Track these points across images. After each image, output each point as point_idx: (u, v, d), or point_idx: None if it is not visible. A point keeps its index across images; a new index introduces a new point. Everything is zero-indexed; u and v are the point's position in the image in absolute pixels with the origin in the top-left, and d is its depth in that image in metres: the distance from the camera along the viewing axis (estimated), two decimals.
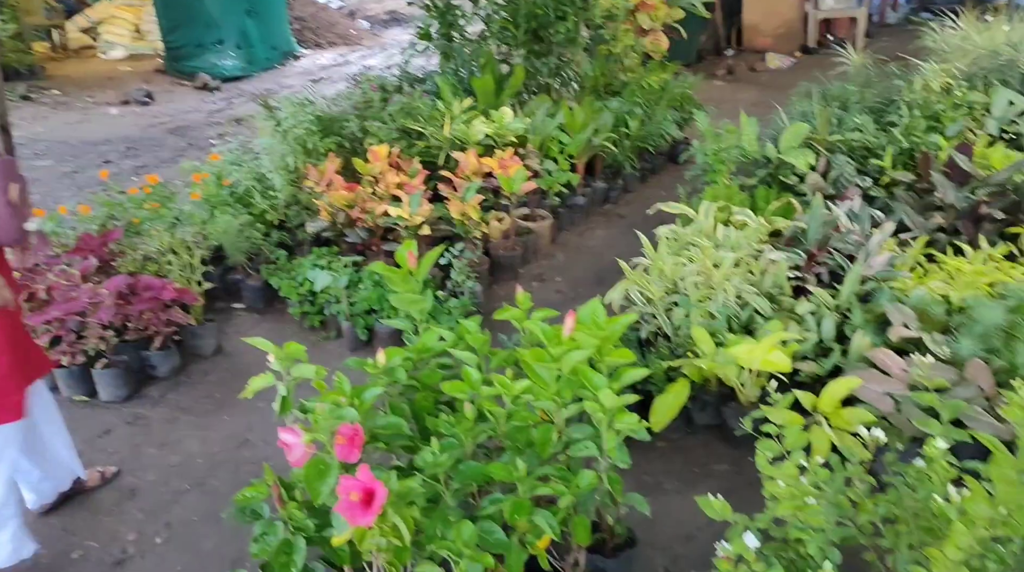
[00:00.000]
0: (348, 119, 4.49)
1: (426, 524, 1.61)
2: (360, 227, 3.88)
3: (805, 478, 1.68)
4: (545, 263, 4.26)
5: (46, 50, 11.73)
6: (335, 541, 1.66)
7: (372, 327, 3.48)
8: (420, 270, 2.14)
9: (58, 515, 2.55)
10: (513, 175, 3.92)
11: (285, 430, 1.67)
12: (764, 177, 4.22)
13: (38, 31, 11.51)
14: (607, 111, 4.80)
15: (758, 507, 1.76)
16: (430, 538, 1.58)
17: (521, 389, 1.82)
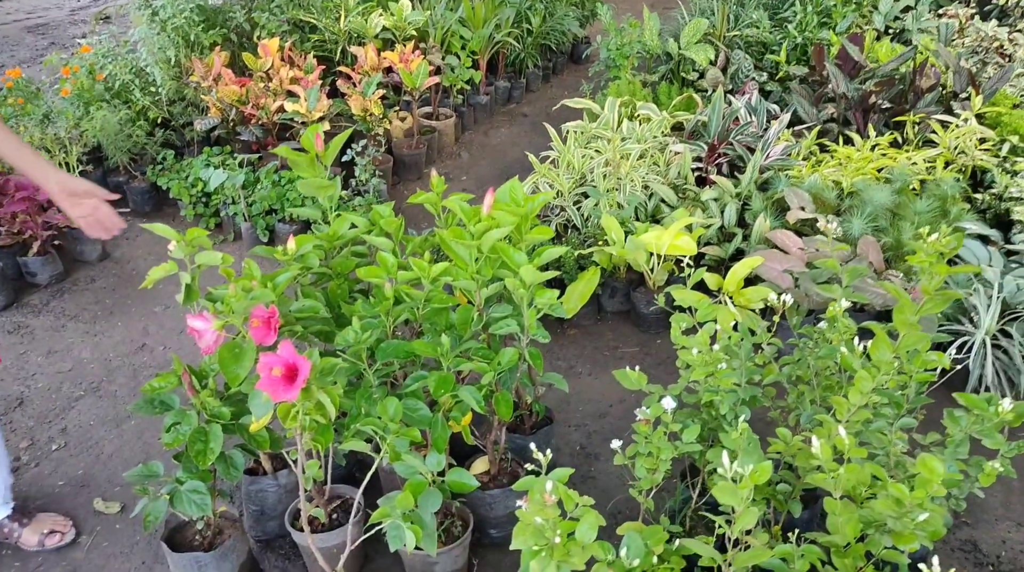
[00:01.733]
0: (234, 10, 4.18)
1: (349, 404, 1.58)
2: (254, 125, 3.67)
3: (717, 346, 1.75)
4: (450, 163, 4.18)
5: None
6: (253, 426, 1.62)
7: (273, 227, 3.34)
8: (328, 154, 2.04)
9: None
10: (415, 70, 3.78)
11: (194, 317, 1.59)
12: (665, 73, 4.24)
13: None
14: (508, 5, 4.66)
15: (668, 383, 1.82)
16: (354, 417, 1.55)
17: (439, 271, 1.79)
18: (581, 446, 2.30)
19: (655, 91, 4.03)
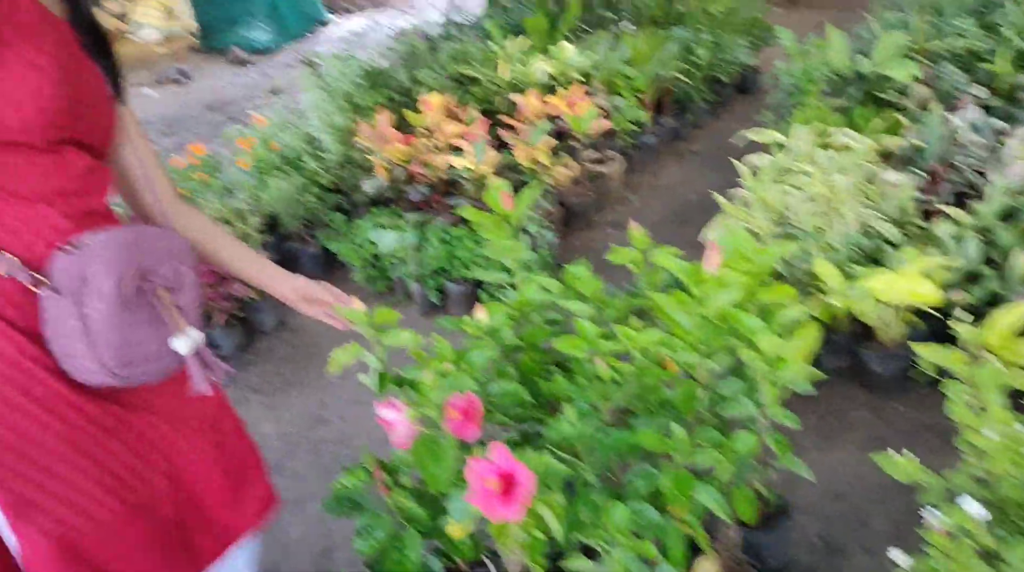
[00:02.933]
0: (396, 71, 4.19)
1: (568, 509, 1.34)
2: (421, 183, 3.59)
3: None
4: (620, 208, 3.93)
5: None
6: (455, 533, 1.40)
7: (443, 288, 3.21)
8: (516, 213, 1.85)
9: None
10: (583, 114, 3.58)
11: (384, 405, 1.40)
12: (858, 95, 3.81)
13: None
14: (673, 40, 4.41)
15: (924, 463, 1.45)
16: (574, 525, 1.30)
17: (652, 341, 1.52)
18: (820, 537, 1.93)
19: (849, 115, 3.60)
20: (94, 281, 1.10)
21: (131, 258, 1.14)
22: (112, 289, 1.11)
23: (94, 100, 1.19)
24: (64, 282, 1.10)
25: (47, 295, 1.10)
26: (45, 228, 1.12)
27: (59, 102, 1.09)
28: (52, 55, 1.08)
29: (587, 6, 4.98)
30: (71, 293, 1.09)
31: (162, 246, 1.21)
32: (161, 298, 1.19)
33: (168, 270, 1.20)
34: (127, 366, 1.13)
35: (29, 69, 1.05)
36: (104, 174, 1.24)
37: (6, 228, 1.10)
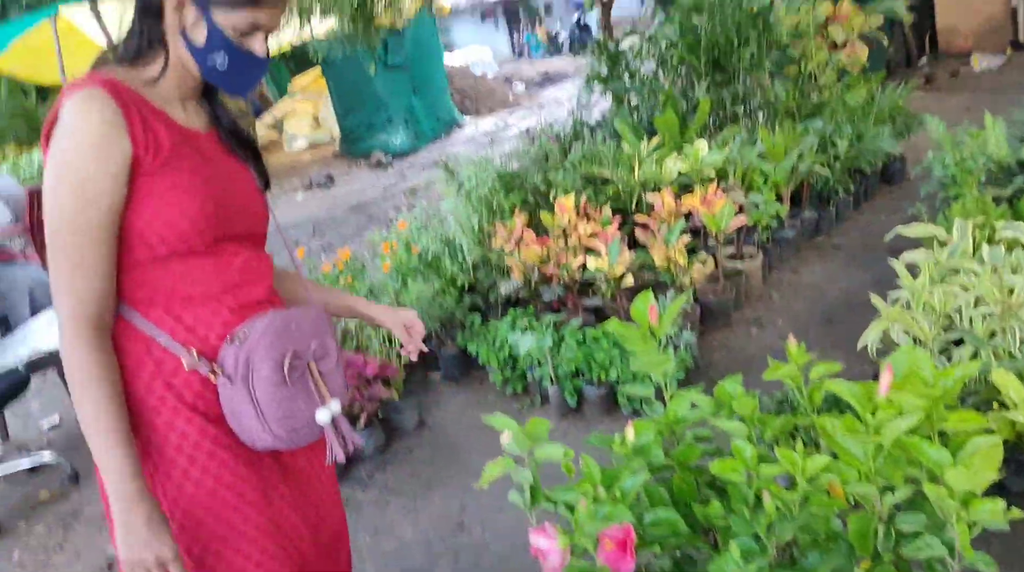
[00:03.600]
0: (530, 173, 4.30)
1: None
2: (556, 283, 3.62)
3: None
4: (760, 306, 3.79)
5: None
6: None
7: (580, 390, 3.16)
8: (662, 326, 1.80)
9: None
10: (719, 212, 3.53)
11: (537, 531, 1.37)
12: (1022, 185, 3.56)
13: None
14: (811, 133, 4.31)
15: None
16: None
17: (819, 467, 1.41)
18: None
19: (1015, 208, 3.36)
20: (257, 367, 1.28)
21: (284, 343, 1.32)
22: (271, 372, 1.29)
23: (245, 197, 1.39)
24: (233, 370, 1.28)
25: (223, 382, 1.30)
26: (216, 323, 1.32)
27: (206, 210, 1.28)
28: (194, 171, 1.28)
29: (718, 101, 4.98)
30: (241, 378, 1.28)
31: (308, 324, 1.38)
32: (311, 372, 1.37)
33: (315, 345, 1.38)
34: (291, 433, 1.33)
35: (174, 191, 1.25)
36: (262, 264, 1.42)
37: (186, 327, 1.30)
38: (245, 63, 1.29)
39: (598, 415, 3.12)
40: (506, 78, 18.56)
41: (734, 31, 4.77)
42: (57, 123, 1.20)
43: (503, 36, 28.76)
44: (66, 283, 1.21)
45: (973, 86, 7.22)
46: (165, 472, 1.30)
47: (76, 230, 1.20)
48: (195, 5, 1.24)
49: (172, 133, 1.28)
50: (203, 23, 1.24)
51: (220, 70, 1.28)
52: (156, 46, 1.28)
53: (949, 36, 8.14)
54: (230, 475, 1.33)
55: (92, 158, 1.18)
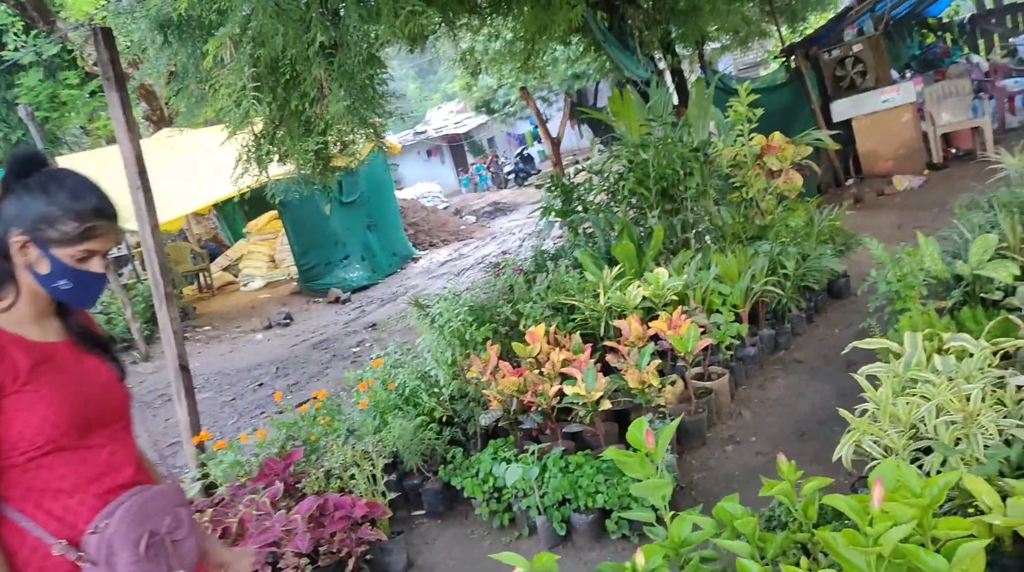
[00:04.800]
0: (499, 305, 4.45)
1: None
2: (534, 411, 3.69)
3: None
4: (732, 423, 3.91)
5: (194, 292, 12.78)
6: None
7: (569, 519, 3.18)
8: (658, 450, 1.89)
9: None
10: (685, 334, 3.70)
11: None
12: (961, 297, 3.83)
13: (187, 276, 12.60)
14: (760, 255, 4.60)
15: None
16: None
17: None
18: None
19: (956, 319, 3.61)
20: (117, 552, 1.48)
21: (141, 525, 1.52)
22: (131, 555, 1.49)
23: (104, 391, 1.61)
24: (97, 555, 1.48)
25: (88, 567, 1.48)
26: (84, 511, 1.51)
27: (67, 414, 1.49)
28: (52, 384, 1.50)
29: (669, 228, 5.27)
30: (105, 562, 1.47)
31: (162, 501, 1.59)
32: (165, 546, 1.56)
33: (169, 520, 1.58)
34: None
35: (37, 405, 1.47)
36: (126, 450, 1.63)
37: (56, 518, 1.49)
38: (86, 281, 1.54)
39: (588, 542, 3.12)
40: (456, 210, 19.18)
41: (678, 164, 5.13)
42: None
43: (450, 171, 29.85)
44: None
45: (899, 204, 7.77)
46: None
47: None
48: (36, 246, 1.50)
49: (30, 354, 1.50)
50: (45, 258, 1.50)
51: (65, 290, 1.53)
52: (7, 281, 1.53)
53: (870, 159, 8.82)
54: None
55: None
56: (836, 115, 8.88)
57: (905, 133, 8.57)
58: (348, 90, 5.35)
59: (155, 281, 3.86)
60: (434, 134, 29.42)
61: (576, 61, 11.23)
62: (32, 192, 1.50)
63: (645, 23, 7.85)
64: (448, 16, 7.19)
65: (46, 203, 1.49)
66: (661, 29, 8.04)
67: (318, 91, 5.88)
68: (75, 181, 1.53)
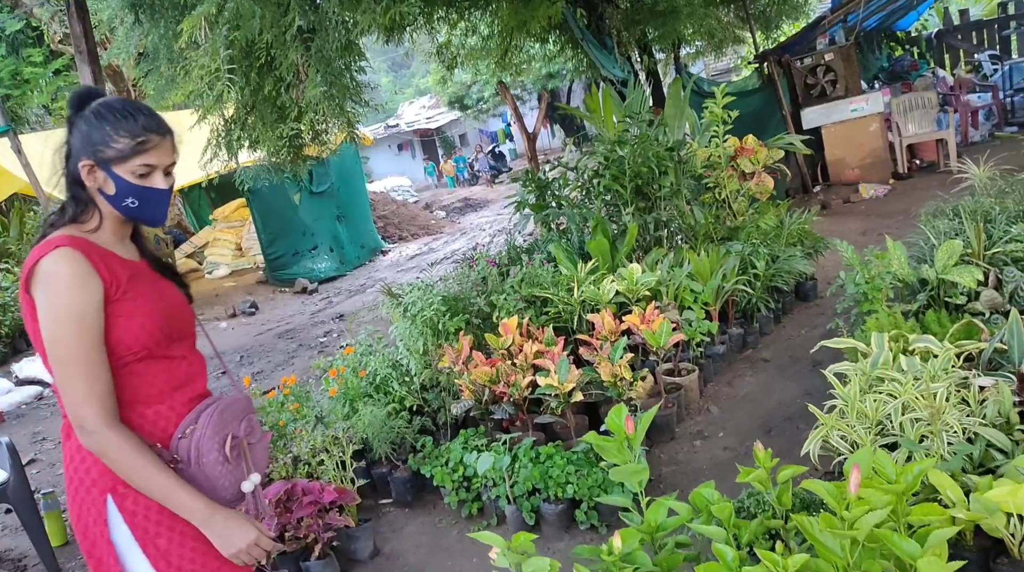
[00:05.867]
0: (473, 296, 4.44)
1: None
2: (506, 402, 3.69)
3: None
4: (701, 419, 3.95)
5: None
6: None
7: (538, 508, 3.18)
8: (636, 436, 1.90)
9: None
10: (658, 329, 3.73)
11: None
12: (926, 300, 3.92)
13: None
14: (732, 254, 4.65)
15: None
16: None
17: (798, 566, 1.51)
18: None
19: (921, 321, 3.69)
20: (206, 453, 1.63)
21: (222, 429, 1.67)
22: (217, 456, 1.65)
23: (181, 308, 1.77)
24: (187, 457, 1.63)
25: (181, 468, 1.63)
26: (173, 417, 1.67)
27: (158, 323, 1.65)
28: (145, 294, 1.66)
29: (643, 226, 5.31)
30: (195, 463, 1.63)
31: (237, 408, 1.75)
32: (243, 449, 1.73)
33: (244, 425, 1.75)
34: (236, 500, 1.71)
35: (135, 312, 1.62)
36: (200, 363, 1.80)
37: (149, 423, 1.65)
38: (151, 197, 1.66)
39: (557, 532, 3.13)
40: (426, 204, 19.10)
41: (654, 162, 5.17)
42: (39, 275, 1.55)
43: (419, 165, 29.73)
44: (85, 394, 1.53)
45: (865, 212, 7.92)
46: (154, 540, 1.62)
47: (85, 350, 1.54)
48: (100, 168, 1.63)
49: (124, 268, 1.65)
50: (110, 178, 1.63)
51: (134, 208, 1.66)
52: (89, 206, 1.67)
53: (838, 167, 8.98)
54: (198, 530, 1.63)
55: (81, 295, 1.54)
56: (806, 123, 9.01)
57: (872, 143, 8.74)
58: (325, 76, 5.30)
59: None
60: (406, 128, 29.31)
61: (552, 59, 11.26)
62: (89, 120, 1.63)
63: (623, 23, 7.91)
64: (427, 8, 7.16)
65: (100, 126, 1.62)
66: (639, 29, 8.10)
67: (294, 76, 5.81)
68: (124, 103, 1.66)
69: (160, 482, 1.56)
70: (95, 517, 1.61)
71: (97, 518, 1.61)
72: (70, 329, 1.52)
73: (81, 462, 1.62)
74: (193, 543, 1.65)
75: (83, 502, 1.62)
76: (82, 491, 1.62)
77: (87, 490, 1.62)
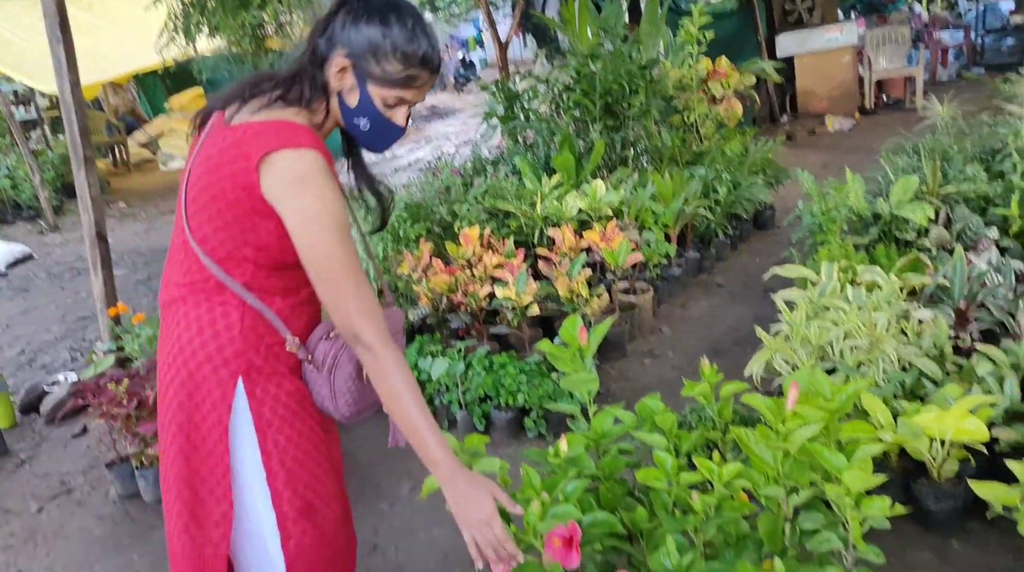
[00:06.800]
0: (435, 204, 4.42)
1: None
2: (463, 311, 3.73)
3: None
4: (652, 338, 4.05)
5: (108, 166, 12.14)
6: None
7: (488, 415, 3.27)
8: (589, 347, 1.95)
9: None
10: (618, 248, 3.77)
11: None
12: (877, 235, 4.02)
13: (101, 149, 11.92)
14: (695, 179, 4.68)
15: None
16: None
17: (733, 473, 1.59)
18: None
19: (871, 254, 3.79)
20: (342, 364, 1.54)
21: None
22: (352, 371, 1.54)
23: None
24: (322, 360, 1.53)
25: (310, 368, 1.55)
26: (314, 317, 1.59)
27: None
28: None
29: (609, 144, 5.29)
30: (327, 369, 1.53)
31: (395, 325, 1.62)
32: None
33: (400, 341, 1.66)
34: (354, 416, 1.60)
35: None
36: None
37: (294, 319, 1.53)
38: (385, 129, 1.50)
39: (506, 438, 3.23)
40: None
41: (626, 80, 5.11)
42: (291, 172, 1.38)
43: None
44: (359, 309, 1.40)
45: (828, 144, 7.99)
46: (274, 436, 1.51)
47: (356, 264, 1.42)
48: (354, 75, 1.45)
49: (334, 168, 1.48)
50: (357, 91, 1.45)
51: (362, 130, 1.50)
52: (320, 95, 1.48)
53: (807, 98, 8.99)
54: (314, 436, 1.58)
55: (340, 204, 1.41)
56: (780, 51, 8.95)
57: (843, 75, 8.74)
58: None
59: (73, 143, 3.66)
60: None
61: None
62: (371, 17, 1.43)
63: None
64: None
65: (381, 35, 1.42)
66: None
67: None
68: (415, 20, 1.45)
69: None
70: (217, 399, 1.47)
71: (220, 401, 1.47)
72: (343, 243, 1.39)
73: (213, 337, 1.47)
74: (310, 449, 1.55)
75: (204, 380, 1.48)
76: (207, 368, 1.47)
77: (215, 369, 1.47)
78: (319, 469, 1.58)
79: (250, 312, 1.48)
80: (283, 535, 1.52)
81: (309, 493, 1.55)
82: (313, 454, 1.57)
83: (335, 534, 1.63)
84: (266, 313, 1.49)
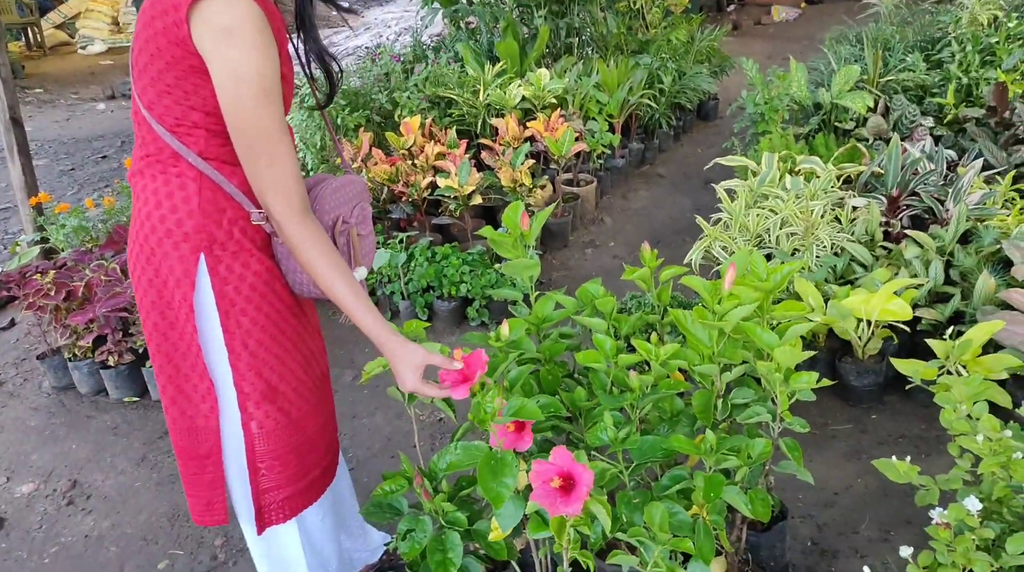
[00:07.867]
0: (374, 92, 4.26)
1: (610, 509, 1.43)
2: (404, 202, 3.67)
3: None
4: (594, 229, 4.07)
5: (21, 49, 11.31)
6: (493, 536, 1.49)
7: (431, 304, 3.28)
8: (531, 232, 1.94)
9: None
10: (561, 137, 3.72)
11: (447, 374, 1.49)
12: (817, 124, 4.04)
13: (12, 30, 11.08)
14: (641, 67, 4.60)
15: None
16: (616, 523, 1.40)
17: (670, 353, 1.64)
18: (813, 541, 2.06)
19: (810, 144, 3.83)
20: None
21: (332, 210, 1.52)
22: None
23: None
24: None
25: (279, 242, 1.49)
26: None
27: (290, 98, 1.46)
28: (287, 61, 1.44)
29: (554, 31, 5.14)
30: None
31: (351, 190, 1.58)
32: (351, 237, 1.58)
33: (357, 211, 1.59)
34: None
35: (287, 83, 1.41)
36: None
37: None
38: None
39: (448, 327, 3.26)
40: None
41: None
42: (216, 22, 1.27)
43: None
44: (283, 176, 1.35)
45: (773, 34, 7.92)
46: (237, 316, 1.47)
47: (280, 126, 1.34)
48: None
49: (283, 32, 1.40)
50: None
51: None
52: None
53: None
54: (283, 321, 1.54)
55: (271, 66, 1.31)
56: None
57: None
58: None
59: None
60: None
61: None
62: None
63: None
64: None
65: None
66: None
67: None
68: None
69: (340, 287, 1.40)
70: (180, 274, 1.43)
71: (183, 276, 1.43)
72: (265, 107, 1.30)
73: (172, 210, 1.41)
74: (276, 333, 1.52)
75: (166, 256, 1.43)
76: (167, 243, 1.42)
77: (175, 244, 1.42)
78: (286, 354, 1.55)
79: (207, 183, 1.42)
80: (244, 416, 1.52)
81: (273, 376, 1.53)
82: (279, 338, 1.54)
83: (303, 420, 1.61)
84: (225, 185, 1.42)
